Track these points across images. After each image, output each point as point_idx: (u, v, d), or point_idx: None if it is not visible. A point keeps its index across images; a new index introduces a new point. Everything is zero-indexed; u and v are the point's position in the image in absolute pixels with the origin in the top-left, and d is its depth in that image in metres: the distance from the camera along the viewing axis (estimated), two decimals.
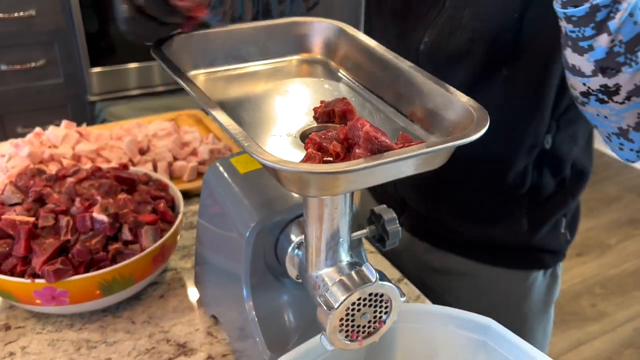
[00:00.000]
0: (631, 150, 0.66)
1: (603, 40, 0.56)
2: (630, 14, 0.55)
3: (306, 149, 0.45)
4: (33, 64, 2.46)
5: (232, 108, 0.56)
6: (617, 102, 0.60)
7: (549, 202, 0.85)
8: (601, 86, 0.59)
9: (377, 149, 0.41)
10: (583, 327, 2.06)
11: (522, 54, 0.72)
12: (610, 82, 0.58)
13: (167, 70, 0.52)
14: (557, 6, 0.57)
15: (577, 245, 2.49)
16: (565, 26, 0.58)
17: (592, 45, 0.57)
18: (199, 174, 1.03)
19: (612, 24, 0.55)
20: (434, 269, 0.94)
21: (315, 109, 0.53)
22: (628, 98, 0.59)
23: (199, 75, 0.59)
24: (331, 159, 0.44)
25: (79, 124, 1.07)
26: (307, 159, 0.42)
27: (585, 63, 0.58)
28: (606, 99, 0.60)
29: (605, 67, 0.57)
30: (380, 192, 0.99)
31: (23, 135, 1.05)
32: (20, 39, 2.39)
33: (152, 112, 2.09)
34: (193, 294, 0.80)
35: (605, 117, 0.63)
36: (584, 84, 0.60)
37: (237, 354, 0.69)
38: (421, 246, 0.94)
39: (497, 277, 0.90)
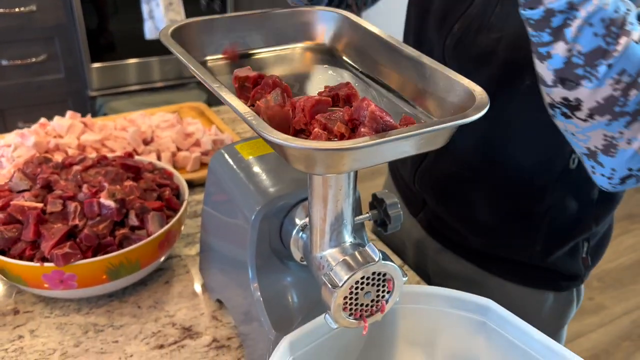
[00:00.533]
0: (602, 175, 0.61)
1: (560, 49, 0.53)
2: (590, 24, 0.51)
3: (312, 129, 0.46)
4: (34, 59, 2.47)
5: None
6: (580, 118, 0.56)
7: (568, 225, 0.81)
8: (562, 99, 0.56)
9: (381, 128, 0.43)
10: (581, 320, 2.08)
11: None
12: (570, 96, 0.55)
13: (177, 56, 0.53)
14: (520, 8, 0.55)
15: None
16: (527, 29, 0.56)
17: (550, 53, 0.54)
18: (202, 165, 1.04)
19: (569, 32, 0.52)
20: (445, 271, 0.93)
21: (319, 94, 0.54)
22: (591, 116, 0.55)
23: (207, 62, 0.61)
24: (336, 139, 0.46)
25: None
26: (314, 137, 0.43)
27: (546, 71, 0.56)
28: (569, 113, 0.57)
29: (564, 78, 0.54)
30: (403, 189, 0.98)
31: None
32: (21, 34, 2.40)
33: (152, 107, 2.11)
34: (197, 280, 0.82)
35: (573, 134, 0.60)
36: (548, 95, 0.58)
37: (243, 336, 0.70)
38: (433, 246, 0.93)
39: (507, 291, 0.86)
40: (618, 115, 0.54)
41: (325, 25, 0.64)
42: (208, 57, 0.61)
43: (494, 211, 0.83)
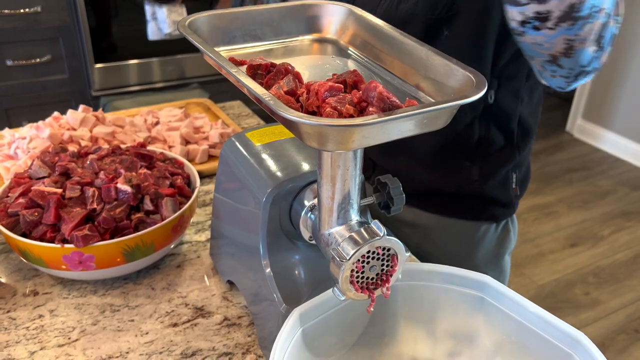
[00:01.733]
0: (561, 77, 0.75)
1: None
2: None
3: (323, 111, 0.50)
4: (38, 60, 2.51)
5: None
6: (548, 27, 0.67)
7: (497, 155, 0.93)
8: (535, 12, 0.66)
9: (388, 108, 0.46)
10: (577, 315, 2.12)
11: (459, 15, 0.82)
12: (542, 9, 0.65)
13: (196, 44, 0.57)
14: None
15: (571, 236, 2.55)
16: None
17: None
18: (210, 157, 1.08)
19: None
20: (389, 220, 1.01)
21: (328, 80, 0.58)
22: (557, 24, 0.66)
23: (221, 52, 0.64)
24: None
25: None
26: (326, 116, 0.47)
27: None
28: (539, 25, 0.67)
29: None
30: None
31: None
32: (27, 35, 2.44)
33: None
34: (208, 264, 0.85)
35: (540, 45, 0.71)
36: (520, 13, 0.67)
37: (253, 315, 0.74)
38: None
39: (448, 228, 0.98)
40: (577, 20, 0.66)
41: (331, 17, 0.68)
42: (221, 48, 0.65)
43: (432, 151, 0.94)
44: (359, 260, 0.56)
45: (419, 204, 0.98)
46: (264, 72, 0.58)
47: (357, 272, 0.57)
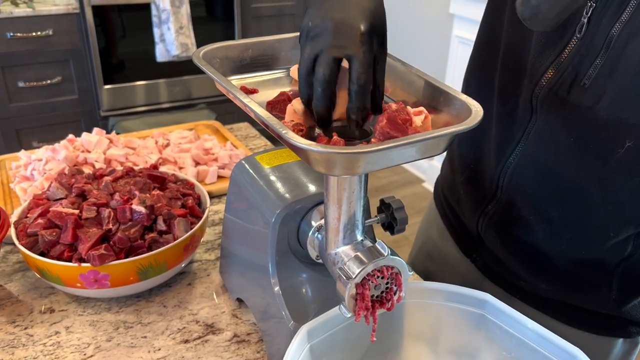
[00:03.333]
0: None
1: None
2: None
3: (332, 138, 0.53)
4: (49, 81, 2.57)
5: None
6: None
7: None
8: None
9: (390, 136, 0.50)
10: None
11: None
12: None
13: (209, 74, 0.60)
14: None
15: None
16: None
17: None
18: (219, 177, 1.11)
19: None
20: None
21: None
22: None
23: (232, 81, 0.68)
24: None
25: None
26: (333, 143, 0.51)
27: None
28: None
29: None
30: (455, 227, 0.95)
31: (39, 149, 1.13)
32: (38, 58, 2.50)
33: (163, 127, 2.19)
34: (218, 282, 0.88)
35: None
36: None
37: (262, 331, 0.77)
38: (492, 289, 0.89)
39: (574, 338, 0.75)
40: None
41: None
42: (233, 77, 0.69)
43: (567, 263, 0.79)
44: (364, 278, 0.59)
45: (546, 310, 0.84)
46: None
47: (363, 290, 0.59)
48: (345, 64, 0.55)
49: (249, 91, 0.65)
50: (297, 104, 0.59)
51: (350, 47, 0.53)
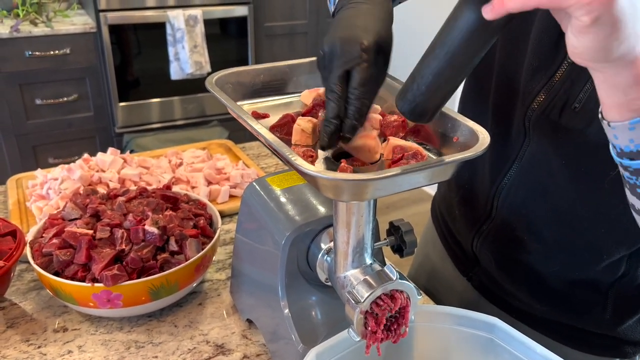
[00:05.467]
0: None
1: None
2: None
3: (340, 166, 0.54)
4: (65, 99, 2.61)
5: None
6: None
7: (638, 293, 0.78)
8: None
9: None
10: None
11: None
12: None
13: (221, 100, 0.62)
14: (613, 153, 0.54)
15: None
16: (622, 172, 0.55)
17: None
18: (231, 196, 1.13)
19: None
20: None
21: None
22: None
23: (244, 106, 0.69)
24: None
25: None
26: (341, 170, 0.51)
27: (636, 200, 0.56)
28: None
29: None
30: (452, 245, 0.97)
31: (54, 165, 1.15)
32: (55, 76, 2.55)
33: (176, 144, 2.22)
34: (228, 302, 0.89)
35: None
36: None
37: (272, 353, 0.77)
38: (489, 309, 0.90)
39: (570, 358, 0.78)
40: None
41: None
42: (244, 102, 0.70)
43: (562, 282, 0.80)
44: (373, 302, 0.59)
45: (542, 330, 0.84)
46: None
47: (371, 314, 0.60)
48: None
49: (261, 116, 0.67)
50: (303, 123, 0.60)
51: (352, 59, 0.54)
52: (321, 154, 0.60)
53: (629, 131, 0.49)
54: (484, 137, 0.54)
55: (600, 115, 0.52)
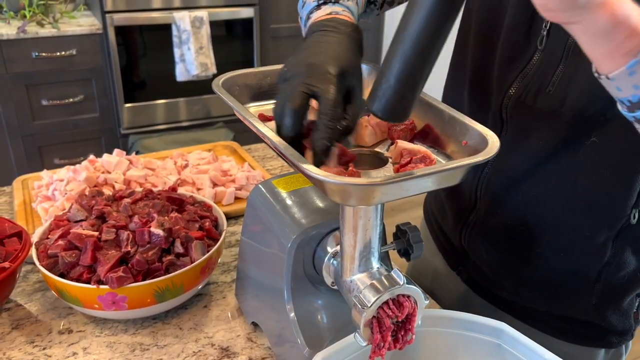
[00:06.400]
0: None
1: None
2: None
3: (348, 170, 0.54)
4: (72, 100, 2.62)
5: None
6: None
7: (624, 280, 0.79)
8: None
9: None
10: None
11: (616, 120, 0.65)
12: None
13: (227, 102, 0.61)
14: (624, 111, 0.54)
15: None
16: (635, 125, 0.56)
17: None
18: (236, 198, 1.12)
19: None
20: None
21: None
22: None
23: (251, 108, 0.69)
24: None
25: None
26: (349, 175, 0.51)
27: None
28: None
29: None
30: (441, 240, 0.99)
31: (60, 166, 1.15)
32: (62, 77, 2.55)
33: (181, 145, 2.22)
34: (233, 304, 0.88)
35: None
36: None
37: (277, 356, 0.77)
38: (478, 301, 0.92)
39: (556, 350, 0.76)
40: None
41: None
42: (251, 104, 0.70)
43: (548, 268, 0.82)
44: (379, 306, 0.59)
45: (529, 321, 0.86)
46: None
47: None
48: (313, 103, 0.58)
49: (267, 118, 0.66)
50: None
51: (318, 84, 0.57)
52: None
53: (629, 77, 0.48)
54: (494, 142, 0.54)
55: (595, 74, 0.52)
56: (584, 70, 0.66)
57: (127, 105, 2.72)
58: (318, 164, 0.54)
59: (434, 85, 0.73)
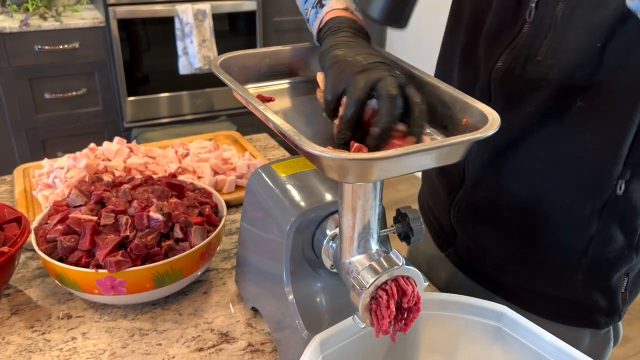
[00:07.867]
0: None
1: None
2: None
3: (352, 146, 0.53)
4: (74, 93, 2.62)
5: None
6: None
7: (611, 256, 0.78)
8: None
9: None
10: None
11: (602, 85, 0.68)
12: None
13: (226, 82, 0.61)
14: (631, 4, 0.54)
15: None
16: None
17: None
18: (237, 187, 1.12)
19: None
20: None
21: None
22: None
23: (250, 89, 0.69)
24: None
25: None
26: (356, 151, 0.50)
27: None
28: None
29: None
30: (432, 222, 0.99)
31: None
32: (64, 70, 2.55)
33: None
34: (233, 291, 0.88)
35: None
36: None
37: (276, 341, 0.76)
38: (466, 283, 0.93)
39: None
40: None
41: None
42: (250, 85, 0.69)
43: (535, 243, 0.81)
44: (380, 288, 0.58)
45: (517, 301, 0.85)
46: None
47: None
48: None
49: (266, 99, 0.66)
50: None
51: (376, 76, 0.58)
52: None
53: None
54: (494, 119, 0.53)
55: None
56: (570, 38, 0.68)
57: (130, 98, 2.72)
58: (378, 144, 0.56)
59: (428, 67, 0.73)
